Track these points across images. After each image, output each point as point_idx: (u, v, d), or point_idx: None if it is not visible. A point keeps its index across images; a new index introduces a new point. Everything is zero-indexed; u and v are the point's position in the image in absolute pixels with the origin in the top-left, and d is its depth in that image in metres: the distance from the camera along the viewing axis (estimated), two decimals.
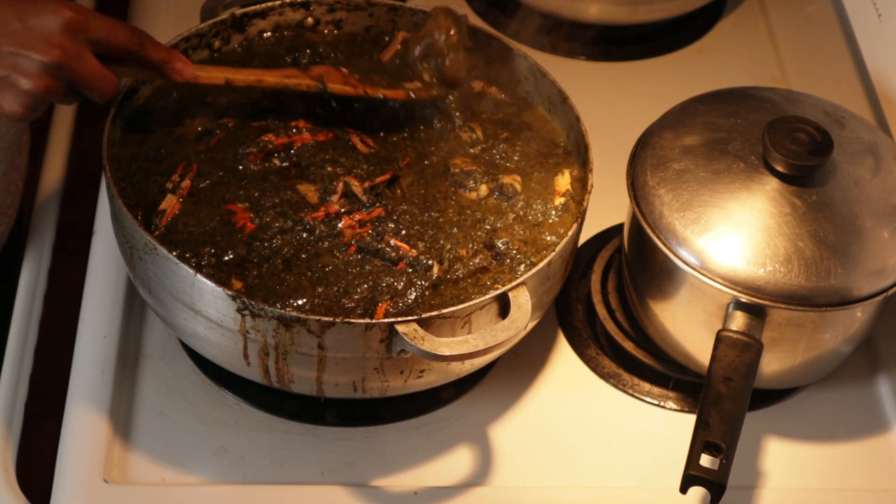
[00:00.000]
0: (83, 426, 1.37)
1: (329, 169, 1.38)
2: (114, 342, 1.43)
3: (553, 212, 1.38)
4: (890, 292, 1.36)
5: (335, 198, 1.36)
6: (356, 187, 1.36)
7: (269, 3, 1.49)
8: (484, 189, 1.40)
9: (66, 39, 1.23)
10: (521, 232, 1.36)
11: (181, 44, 1.44)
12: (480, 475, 1.38)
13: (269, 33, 1.51)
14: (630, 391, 1.47)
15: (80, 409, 1.38)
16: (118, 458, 1.36)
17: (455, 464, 1.39)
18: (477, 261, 1.34)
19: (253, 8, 1.49)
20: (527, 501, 1.37)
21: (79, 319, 1.45)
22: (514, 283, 1.28)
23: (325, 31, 1.52)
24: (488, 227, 1.37)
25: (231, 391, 1.41)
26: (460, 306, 1.26)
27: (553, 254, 1.31)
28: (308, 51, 1.49)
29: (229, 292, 1.24)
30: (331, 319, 1.24)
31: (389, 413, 1.41)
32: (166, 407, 1.40)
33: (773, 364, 1.40)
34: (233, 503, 1.34)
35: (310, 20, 1.52)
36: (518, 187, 1.40)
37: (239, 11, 1.48)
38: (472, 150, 1.43)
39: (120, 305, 1.46)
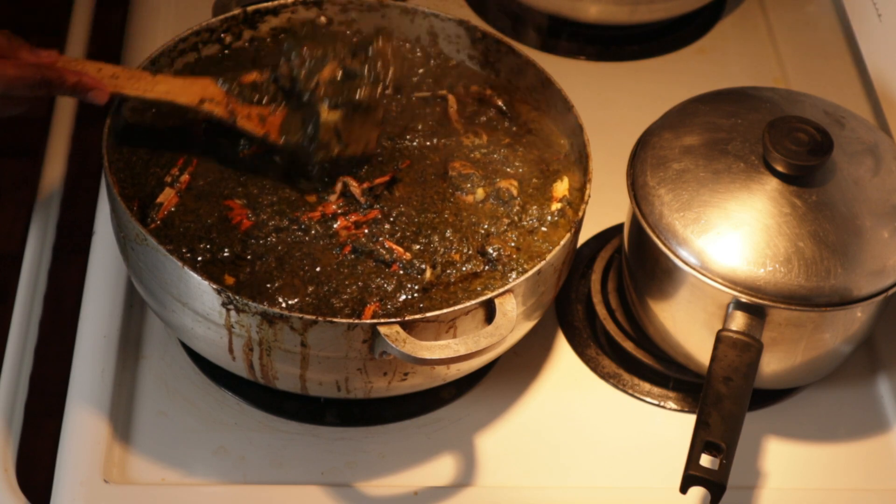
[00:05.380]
0: (83, 426, 1.37)
1: (327, 168, 1.38)
2: (114, 342, 1.43)
3: (549, 217, 1.38)
4: (890, 292, 1.36)
5: (333, 197, 1.36)
6: (355, 188, 1.36)
7: (282, 0, 1.49)
8: (480, 192, 1.40)
9: None
10: (515, 238, 1.36)
11: (191, 38, 1.44)
12: (480, 475, 1.38)
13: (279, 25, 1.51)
14: (630, 391, 1.47)
15: (80, 409, 1.38)
16: (118, 458, 1.36)
17: (455, 464, 1.39)
18: (469, 266, 1.33)
19: (265, 5, 1.48)
20: (526, 501, 1.37)
21: (79, 319, 1.45)
22: (501, 290, 1.27)
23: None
24: (483, 231, 1.36)
25: (231, 391, 1.41)
26: (444, 310, 1.25)
27: (543, 263, 1.30)
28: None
29: (214, 286, 1.24)
30: (313, 318, 1.23)
31: (389, 413, 1.41)
32: (166, 407, 1.40)
33: (773, 364, 1.40)
34: (233, 503, 1.34)
35: (322, 19, 1.51)
36: (514, 192, 1.39)
37: (251, 8, 1.47)
38: (472, 155, 1.43)
39: (120, 305, 1.46)
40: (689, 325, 1.40)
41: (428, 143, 1.43)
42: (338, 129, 1.35)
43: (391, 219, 1.35)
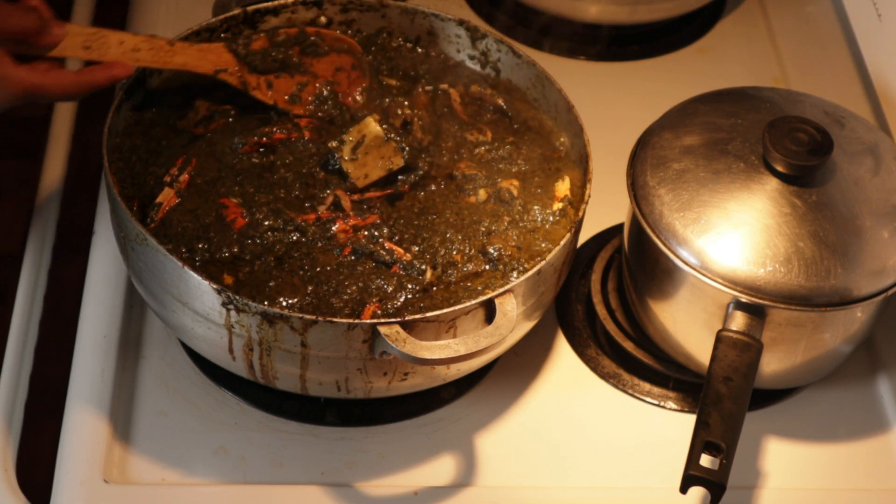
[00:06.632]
0: (83, 426, 1.37)
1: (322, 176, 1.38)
2: (114, 342, 1.43)
3: (550, 217, 1.38)
4: (890, 292, 1.36)
5: (322, 208, 1.35)
6: (345, 202, 1.36)
7: (282, 0, 1.49)
8: (483, 193, 1.39)
9: None
10: (516, 237, 1.36)
11: (191, 38, 1.44)
12: (480, 475, 1.38)
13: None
14: (630, 391, 1.47)
15: (80, 409, 1.38)
16: (118, 458, 1.36)
17: (455, 464, 1.39)
18: (471, 266, 1.33)
19: (265, 5, 1.48)
20: (526, 501, 1.37)
21: (79, 319, 1.45)
22: (501, 290, 1.27)
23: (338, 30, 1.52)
24: (483, 229, 1.36)
25: (231, 391, 1.41)
26: (444, 310, 1.25)
27: (543, 262, 1.30)
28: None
29: (214, 286, 1.24)
30: (313, 318, 1.23)
31: (389, 413, 1.41)
32: (166, 407, 1.40)
33: (773, 364, 1.40)
34: (233, 503, 1.34)
35: (322, 19, 1.51)
36: (515, 192, 1.39)
37: (251, 8, 1.47)
38: (477, 151, 1.43)
39: (120, 305, 1.46)
40: (689, 325, 1.40)
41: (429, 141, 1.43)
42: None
43: (391, 223, 1.35)
